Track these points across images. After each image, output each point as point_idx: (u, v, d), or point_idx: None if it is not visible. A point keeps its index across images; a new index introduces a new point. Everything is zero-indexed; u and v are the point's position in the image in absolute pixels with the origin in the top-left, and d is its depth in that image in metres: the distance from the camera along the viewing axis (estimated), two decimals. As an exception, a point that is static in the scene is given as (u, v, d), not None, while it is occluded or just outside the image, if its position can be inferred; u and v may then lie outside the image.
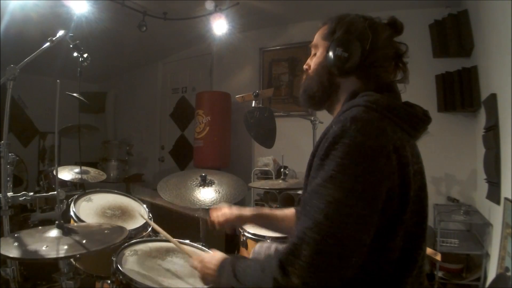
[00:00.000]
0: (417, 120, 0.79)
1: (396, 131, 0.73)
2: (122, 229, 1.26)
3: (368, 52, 0.82)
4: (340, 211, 0.65)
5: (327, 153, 0.70)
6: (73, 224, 1.61)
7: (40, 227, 1.22)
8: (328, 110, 0.96)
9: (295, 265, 0.65)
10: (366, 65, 0.84)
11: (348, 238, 0.65)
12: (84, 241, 1.08)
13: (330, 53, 0.85)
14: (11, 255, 0.94)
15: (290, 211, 1.18)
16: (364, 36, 0.83)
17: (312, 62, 0.94)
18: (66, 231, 1.14)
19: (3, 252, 0.95)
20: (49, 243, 1.06)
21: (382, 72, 0.86)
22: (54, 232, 1.14)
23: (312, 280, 0.64)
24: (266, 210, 1.24)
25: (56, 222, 1.15)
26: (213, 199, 1.71)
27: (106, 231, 1.24)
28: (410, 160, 0.73)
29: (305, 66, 0.97)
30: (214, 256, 0.96)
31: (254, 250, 1.32)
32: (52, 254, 1.00)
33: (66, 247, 1.04)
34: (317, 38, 0.93)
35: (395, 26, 0.87)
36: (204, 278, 0.97)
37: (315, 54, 0.94)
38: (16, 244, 1.03)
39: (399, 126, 0.75)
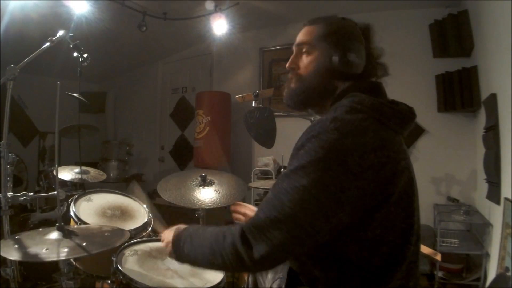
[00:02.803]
0: (402, 117, 0.81)
1: (379, 130, 0.75)
2: (122, 231, 1.25)
3: (366, 56, 0.88)
4: (303, 198, 0.70)
5: (303, 144, 0.75)
6: (73, 224, 1.61)
7: (40, 229, 1.22)
8: (317, 111, 0.96)
9: (256, 236, 0.71)
10: (368, 68, 0.89)
11: (306, 223, 0.70)
12: (84, 244, 1.08)
13: (336, 57, 0.85)
14: (11, 258, 0.94)
15: None
16: (361, 40, 0.88)
17: (307, 63, 0.90)
18: (67, 234, 1.14)
19: (3, 255, 0.95)
20: (50, 245, 1.06)
21: (372, 74, 0.90)
22: (54, 235, 1.13)
23: (268, 254, 0.70)
24: None
25: (57, 224, 1.15)
26: (213, 199, 1.71)
27: (106, 234, 1.24)
28: (394, 157, 0.75)
29: (291, 65, 0.93)
30: (179, 227, 0.96)
31: None
32: (53, 257, 1.00)
33: (66, 249, 1.04)
34: (310, 37, 0.91)
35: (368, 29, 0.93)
36: (166, 244, 0.95)
37: (304, 53, 0.91)
38: (16, 246, 1.03)
39: (384, 124, 0.77)
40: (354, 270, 0.75)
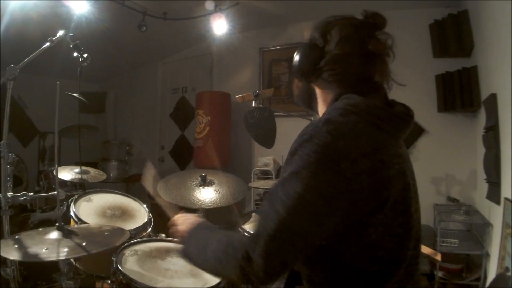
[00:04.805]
0: (397, 120, 0.79)
1: (374, 134, 0.74)
2: (122, 231, 1.25)
3: (332, 56, 0.82)
4: (299, 205, 0.69)
5: (296, 149, 0.74)
6: (73, 224, 1.61)
7: (40, 229, 1.22)
8: (316, 112, 0.98)
9: (255, 250, 0.70)
10: (328, 70, 0.83)
11: (302, 231, 0.70)
12: (84, 243, 1.08)
13: (297, 60, 0.88)
14: (11, 258, 0.94)
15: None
16: (331, 40, 0.83)
17: None
18: (66, 233, 1.14)
19: (3, 255, 0.95)
20: (49, 245, 1.06)
21: (370, 75, 0.85)
22: (54, 234, 1.13)
23: (266, 265, 0.70)
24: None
25: (56, 224, 1.15)
26: (213, 199, 1.71)
27: (106, 233, 1.24)
28: (389, 162, 0.74)
29: None
30: (194, 221, 0.97)
31: None
32: (53, 257, 1.00)
33: (66, 249, 1.04)
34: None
35: (374, 23, 0.91)
36: (174, 233, 0.98)
37: None
38: (16, 246, 1.03)
39: (379, 128, 0.75)
40: (349, 274, 0.75)
